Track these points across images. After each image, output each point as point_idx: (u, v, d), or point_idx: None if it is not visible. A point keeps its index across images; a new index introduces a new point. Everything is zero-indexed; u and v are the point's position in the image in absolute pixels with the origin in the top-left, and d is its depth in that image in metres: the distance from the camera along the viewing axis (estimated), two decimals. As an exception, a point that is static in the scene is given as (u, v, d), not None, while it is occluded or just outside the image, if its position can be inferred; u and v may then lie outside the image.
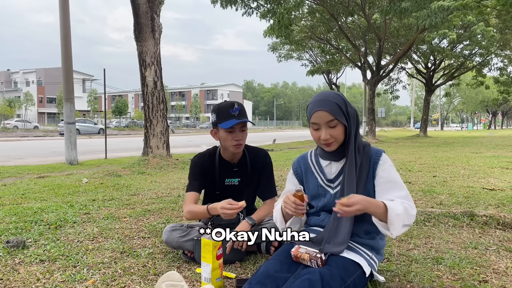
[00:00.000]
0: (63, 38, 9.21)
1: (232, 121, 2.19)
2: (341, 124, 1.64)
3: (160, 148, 7.82)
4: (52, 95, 62.02)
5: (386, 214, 1.53)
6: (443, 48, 22.48)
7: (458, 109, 71.76)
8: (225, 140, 2.25)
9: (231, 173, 2.39)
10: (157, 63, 7.82)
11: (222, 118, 2.21)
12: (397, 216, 1.53)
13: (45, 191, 4.78)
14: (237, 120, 2.19)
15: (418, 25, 14.51)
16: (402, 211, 1.55)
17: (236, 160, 2.39)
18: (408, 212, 1.56)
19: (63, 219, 3.20)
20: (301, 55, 27.43)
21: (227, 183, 2.40)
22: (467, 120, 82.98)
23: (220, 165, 2.38)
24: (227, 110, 2.21)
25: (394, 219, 1.53)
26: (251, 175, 2.40)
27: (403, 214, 1.54)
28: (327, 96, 1.66)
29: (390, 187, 1.64)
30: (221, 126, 2.21)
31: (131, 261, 2.27)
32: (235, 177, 2.40)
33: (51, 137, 26.46)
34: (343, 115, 1.64)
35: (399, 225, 1.54)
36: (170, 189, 4.79)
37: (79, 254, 2.37)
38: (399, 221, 1.54)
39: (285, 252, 1.66)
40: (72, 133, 9.19)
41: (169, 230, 2.31)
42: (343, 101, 1.66)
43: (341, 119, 1.63)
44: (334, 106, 1.63)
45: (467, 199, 3.82)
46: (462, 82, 31.80)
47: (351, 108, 1.68)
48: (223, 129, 2.22)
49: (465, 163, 7.09)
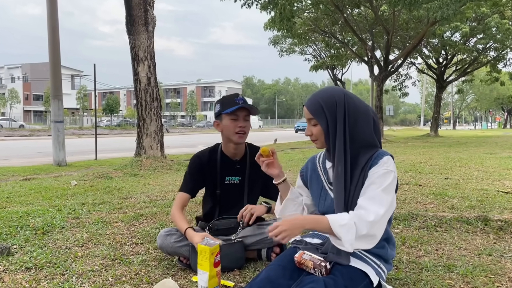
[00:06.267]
0: (51, 31, 9.21)
1: (236, 107, 2.26)
2: (320, 125, 1.64)
3: (154, 149, 7.82)
4: (39, 92, 61.97)
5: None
6: (455, 42, 22.47)
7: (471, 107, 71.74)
8: (229, 129, 2.30)
9: (232, 171, 2.42)
10: (150, 58, 7.82)
11: (226, 106, 2.29)
12: (341, 227, 1.49)
13: (31, 194, 4.77)
14: (241, 105, 2.26)
15: (429, 17, 14.52)
16: (348, 220, 1.49)
17: (238, 157, 2.42)
18: (362, 219, 1.49)
19: (51, 224, 3.20)
20: (304, 50, 27.40)
21: (227, 181, 2.42)
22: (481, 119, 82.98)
23: (221, 161, 2.41)
24: (231, 99, 2.31)
25: (339, 231, 1.49)
26: (253, 174, 2.41)
27: (350, 224, 1.49)
28: (319, 93, 1.68)
29: (366, 187, 1.57)
30: (225, 112, 2.27)
31: (123, 268, 2.27)
32: (236, 175, 2.42)
33: (37, 137, 26.45)
34: (324, 116, 1.61)
35: (350, 237, 1.48)
36: (165, 192, 4.79)
37: (68, 261, 2.37)
38: (348, 233, 1.48)
39: (288, 258, 1.66)
40: (60, 132, 9.19)
41: (163, 235, 2.31)
42: (331, 101, 1.61)
43: (318, 119, 1.62)
44: (315, 104, 1.63)
45: (481, 202, 3.82)
46: (476, 78, 31.75)
47: (351, 108, 1.61)
48: (227, 116, 2.28)
49: (479, 164, 7.09)
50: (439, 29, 19.42)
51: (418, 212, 3.31)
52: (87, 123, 49.62)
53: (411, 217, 3.21)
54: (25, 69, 64.34)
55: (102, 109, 55.37)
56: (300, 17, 20.30)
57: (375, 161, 1.60)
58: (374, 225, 1.50)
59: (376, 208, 1.51)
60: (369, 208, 1.51)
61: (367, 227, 1.49)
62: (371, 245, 1.52)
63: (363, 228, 1.49)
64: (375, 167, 1.59)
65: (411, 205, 3.83)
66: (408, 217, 3.20)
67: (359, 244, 1.51)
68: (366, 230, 1.49)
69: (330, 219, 1.51)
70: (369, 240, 1.51)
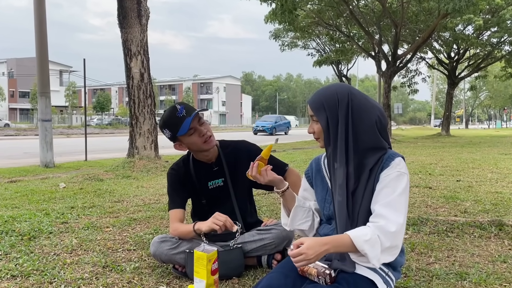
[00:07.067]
0: (38, 24, 9.20)
1: (187, 121, 2.22)
2: (320, 123, 1.64)
3: (148, 149, 7.82)
4: (25, 89, 61.99)
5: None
6: (468, 35, 22.48)
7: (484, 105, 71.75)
8: (194, 144, 2.29)
9: (212, 174, 2.41)
10: (144, 53, 7.82)
11: (175, 127, 2.24)
12: (365, 243, 1.47)
13: (17, 198, 4.77)
14: (190, 117, 2.23)
15: (440, 10, 14.52)
16: (371, 235, 1.48)
17: (213, 159, 2.42)
18: (384, 231, 1.48)
19: (38, 229, 3.20)
20: (307, 44, 27.43)
21: (211, 186, 2.41)
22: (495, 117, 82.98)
23: (197, 169, 2.41)
24: (174, 116, 2.25)
25: (365, 248, 1.47)
26: (234, 172, 2.41)
27: (374, 238, 1.48)
28: (322, 89, 1.69)
29: (379, 191, 1.56)
30: (180, 134, 2.24)
31: (115, 276, 2.26)
32: (217, 177, 2.42)
33: (24, 136, 26.47)
34: (324, 113, 1.61)
35: (376, 252, 1.47)
36: (159, 195, 4.79)
37: (56, 269, 2.37)
38: (373, 248, 1.47)
39: (290, 265, 1.65)
40: (47, 131, 9.19)
41: (157, 242, 2.31)
42: (333, 98, 1.61)
43: (319, 117, 1.63)
44: (317, 101, 1.64)
45: (495, 206, 3.82)
46: (490, 74, 31.78)
47: (356, 106, 1.61)
48: (184, 136, 2.25)
49: (493, 166, 7.09)
50: (450, 22, 19.43)
51: (428, 217, 3.31)
52: (77, 121, 49.62)
53: (421, 221, 3.21)
54: (11, 65, 64.34)
55: (92, 107, 55.43)
56: (303, 9, 20.29)
57: (386, 163, 1.60)
58: (396, 235, 1.50)
59: (395, 217, 1.51)
60: (389, 217, 1.51)
61: (391, 239, 1.49)
62: (394, 256, 1.52)
63: (387, 240, 1.49)
64: (387, 169, 1.58)
65: (421, 209, 3.84)
66: (417, 222, 3.20)
67: (384, 258, 1.50)
68: (390, 243, 1.49)
69: (353, 236, 1.49)
70: (392, 251, 1.52)
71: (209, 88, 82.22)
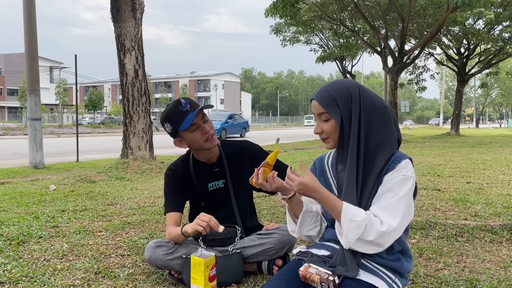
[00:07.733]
0: (27, 18, 9.21)
1: (190, 116, 2.21)
2: (335, 119, 1.62)
3: (142, 149, 7.82)
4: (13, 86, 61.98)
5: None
6: (479, 30, 22.47)
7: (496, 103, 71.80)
8: (195, 141, 2.28)
9: (213, 175, 2.41)
10: (138, 48, 7.83)
11: (177, 121, 2.24)
12: (350, 222, 1.50)
13: (5, 200, 4.77)
14: (194, 112, 2.22)
15: (449, 3, 14.53)
16: (361, 220, 1.50)
17: (214, 159, 2.42)
18: (374, 226, 1.50)
19: (27, 233, 3.20)
20: (310, 39, 27.41)
21: (211, 188, 2.41)
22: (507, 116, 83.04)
23: (198, 169, 2.40)
24: (177, 111, 2.25)
25: (347, 225, 1.51)
26: (235, 173, 2.41)
27: (361, 224, 1.50)
28: (330, 85, 1.67)
29: (381, 194, 1.57)
30: (182, 129, 2.23)
31: (108, 283, 2.27)
32: (218, 179, 2.42)
33: (12, 136, 26.47)
34: (338, 108, 1.60)
35: (353, 235, 1.50)
36: (154, 198, 4.80)
37: (46, 275, 2.37)
38: (354, 230, 1.50)
39: (292, 271, 1.65)
40: (37, 131, 9.20)
41: (152, 247, 2.31)
42: (346, 93, 1.61)
43: (332, 113, 1.61)
44: (328, 96, 1.62)
45: (507, 209, 3.82)
46: (501, 70, 31.82)
47: (367, 102, 1.61)
48: (186, 131, 2.25)
49: (505, 167, 7.09)
50: (460, 16, 19.42)
51: (437, 220, 3.32)
52: (68, 120, 49.59)
53: (429, 225, 3.21)
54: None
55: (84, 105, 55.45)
56: (305, 2, 20.28)
57: (392, 165, 1.59)
58: (383, 235, 1.51)
59: (389, 219, 1.52)
60: (383, 219, 1.52)
61: (375, 235, 1.51)
62: (371, 251, 1.55)
63: (371, 234, 1.50)
64: (391, 172, 1.58)
65: (429, 212, 3.84)
66: (426, 226, 3.20)
67: (358, 246, 1.52)
68: (373, 238, 1.51)
69: (344, 208, 1.52)
70: (372, 247, 1.53)
71: (207, 86, 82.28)
